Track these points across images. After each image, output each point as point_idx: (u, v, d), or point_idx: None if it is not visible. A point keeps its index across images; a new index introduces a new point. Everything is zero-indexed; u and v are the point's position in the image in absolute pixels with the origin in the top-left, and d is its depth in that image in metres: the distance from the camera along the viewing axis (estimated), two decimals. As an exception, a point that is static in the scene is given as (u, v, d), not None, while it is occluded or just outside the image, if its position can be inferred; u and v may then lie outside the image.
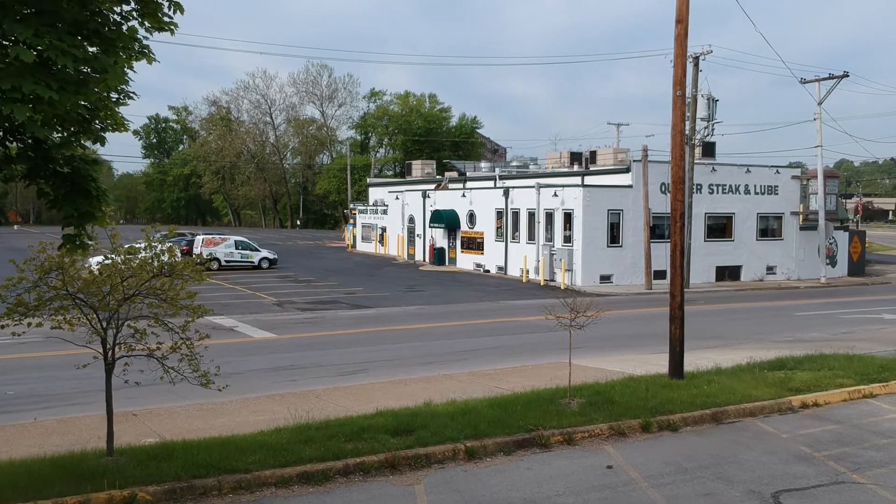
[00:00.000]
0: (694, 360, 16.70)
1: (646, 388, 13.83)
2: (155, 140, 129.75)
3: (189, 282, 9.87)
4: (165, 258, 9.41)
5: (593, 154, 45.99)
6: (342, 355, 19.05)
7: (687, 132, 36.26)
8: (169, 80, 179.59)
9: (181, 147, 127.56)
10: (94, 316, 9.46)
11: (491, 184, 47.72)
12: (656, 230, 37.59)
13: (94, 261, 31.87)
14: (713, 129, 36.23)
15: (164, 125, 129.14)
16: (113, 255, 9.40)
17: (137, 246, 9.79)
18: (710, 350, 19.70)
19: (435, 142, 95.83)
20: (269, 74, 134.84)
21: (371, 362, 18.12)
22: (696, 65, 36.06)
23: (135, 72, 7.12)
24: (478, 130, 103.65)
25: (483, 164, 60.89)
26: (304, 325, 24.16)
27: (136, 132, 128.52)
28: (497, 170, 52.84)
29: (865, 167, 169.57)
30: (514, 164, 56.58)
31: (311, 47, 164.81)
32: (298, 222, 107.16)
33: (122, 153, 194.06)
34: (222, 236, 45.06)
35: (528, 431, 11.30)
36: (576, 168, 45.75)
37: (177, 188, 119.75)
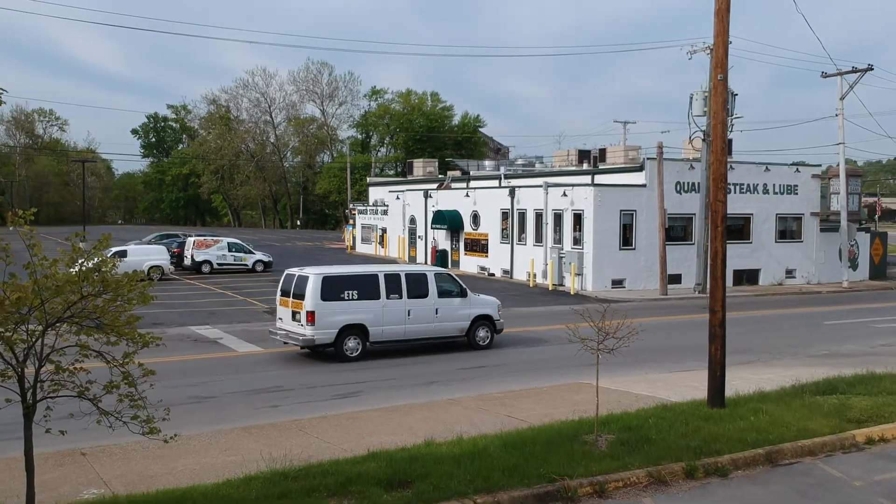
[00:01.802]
0: (729, 381, 14.66)
1: (685, 420, 11.85)
2: (154, 139, 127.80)
3: (133, 302, 7.88)
4: (97, 274, 7.41)
5: (602, 152, 44.01)
6: (333, 373, 17.09)
7: (704, 128, 34.28)
8: (168, 79, 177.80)
9: (180, 146, 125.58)
10: (8, 349, 7.49)
11: (496, 183, 45.72)
12: (672, 232, 35.60)
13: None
14: (732, 125, 34.15)
15: (162, 124, 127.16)
16: (27, 272, 7.42)
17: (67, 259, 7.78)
18: (743, 367, 17.71)
19: (437, 141, 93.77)
20: (269, 73, 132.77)
21: (366, 382, 16.16)
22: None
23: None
24: (480, 129, 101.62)
25: (487, 163, 58.81)
26: (295, 337, 22.17)
27: (134, 131, 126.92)
28: (502, 169, 50.76)
29: (869, 167, 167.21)
30: (520, 162, 54.51)
31: (309, 36, 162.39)
32: (298, 223, 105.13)
33: (121, 152, 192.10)
34: (215, 238, 43.12)
35: (550, 481, 9.32)
36: (585, 167, 43.78)
37: (175, 188, 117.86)
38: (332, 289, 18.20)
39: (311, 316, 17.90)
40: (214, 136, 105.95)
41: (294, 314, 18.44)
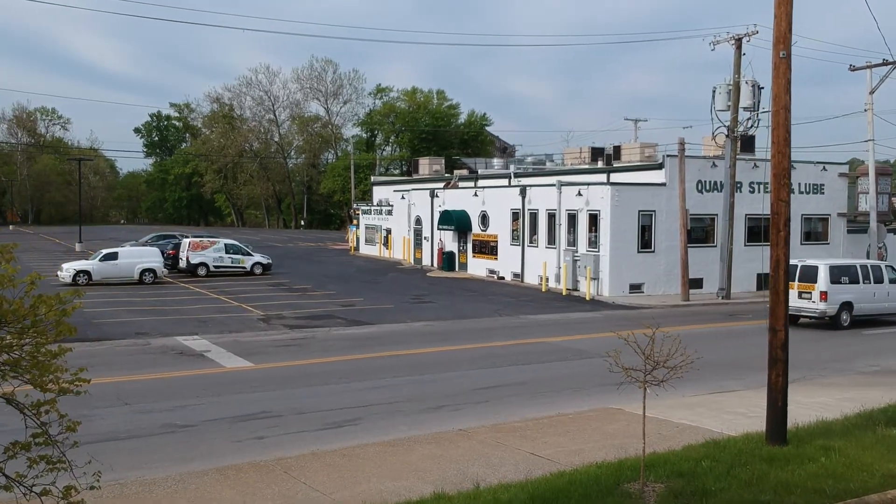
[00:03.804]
0: (782, 407, 12.76)
1: (744, 462, 9.92)
2: (157, 138, 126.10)
3: (49, 335, 6.01)
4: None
5: (617, 149, 42.05)
6: (329, 395, 15.18)
7: (728, 123, 32.33)
8: (171, 77, 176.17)
9: (183, 145, 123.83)
10: None
11: (505, 182, 43.76)
12: (692, 234, 33.63)
13: (69, 266, 26.60)
14: (759, 121, 32.20)
15: (165, 123, 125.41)
16: None
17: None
18: (791, 388, 15.68)
19: (443, 139, 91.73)
20: (273, 70, 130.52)
21: (365, 406, 14.24)
22: (739, 48, 32.05)
23: None
24: (486, 128, 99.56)
25: (496, 161, 56.78)
26: (290, 350, 20.28)
27: (137, 130, 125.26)
28: (511, 167, 48.75)
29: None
30: (530, 160, 52.52)
31: (316, 23, 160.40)
32: (302, 223, 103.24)
33: (124, 150, 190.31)
34: (211, 239, 41.21)
35: (593, 554, 7.41)
36: (599, 164, 41.78)
37: (178, 187, 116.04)
38: (834, 275, 24.59)
39: (824, 295, 24.32)
40: (217, 134, 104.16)
41: (800, 294, 24.41)
